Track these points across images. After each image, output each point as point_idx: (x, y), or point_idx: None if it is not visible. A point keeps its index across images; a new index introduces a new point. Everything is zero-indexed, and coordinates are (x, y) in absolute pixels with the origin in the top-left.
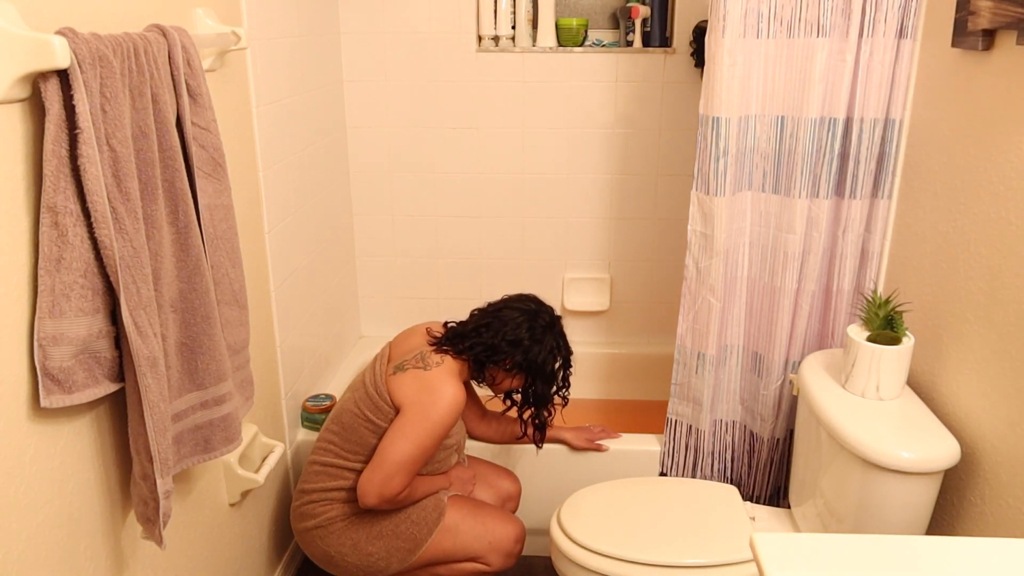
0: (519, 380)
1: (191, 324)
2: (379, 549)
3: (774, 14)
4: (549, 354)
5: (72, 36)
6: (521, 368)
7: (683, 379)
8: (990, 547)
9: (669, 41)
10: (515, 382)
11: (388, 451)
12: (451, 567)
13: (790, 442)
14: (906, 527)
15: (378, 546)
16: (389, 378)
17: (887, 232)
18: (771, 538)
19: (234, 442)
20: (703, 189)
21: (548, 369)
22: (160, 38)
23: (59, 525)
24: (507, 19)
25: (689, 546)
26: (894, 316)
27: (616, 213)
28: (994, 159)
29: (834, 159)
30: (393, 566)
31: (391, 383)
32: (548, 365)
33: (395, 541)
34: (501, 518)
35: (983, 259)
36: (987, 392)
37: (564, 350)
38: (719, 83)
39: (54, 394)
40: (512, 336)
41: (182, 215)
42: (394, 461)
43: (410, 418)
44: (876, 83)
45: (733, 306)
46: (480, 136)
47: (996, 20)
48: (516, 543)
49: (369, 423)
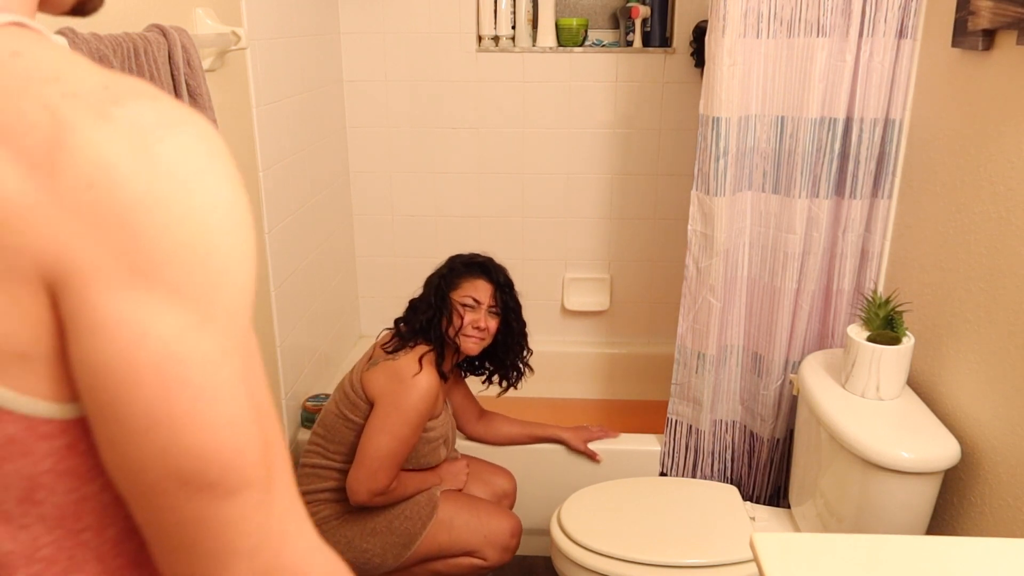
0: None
1: None
2: (374, 546)
3: (774, 14)
4: (448, 266)
5: (72, 36)
6: (436, 295)
7: (683, 379)
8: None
9: (669, 41)
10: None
11: (368, 447)
12: (447, 562)
13: (790, 442)
14: (906, 527)
15: (372, 543)
16: (363, 373)
17: (887, 232)
18: (771, 538)
19: None
20: (703, 189)
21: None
22: (160, 38)
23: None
24: (507, 19)
25: (689, 546)
26: (894, 316)
27: (616, 213)
28: (994, 159)
29: (834, 159)
30: (389, 562)
31: (364, 378)
32: (451, 275)
33: (389, 537)
34: (496, 512)
35: (983, 259)
36: (987, 392)
37: (467, 256)
38: (719, 83)
39: None
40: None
41: None
42: (375, 456)
43: (384, 410)
44: (876, 83)
45: (733, 306)
46: (480, 136)
47: (996, 20)
48: (512, 536)
49: (348, 421)
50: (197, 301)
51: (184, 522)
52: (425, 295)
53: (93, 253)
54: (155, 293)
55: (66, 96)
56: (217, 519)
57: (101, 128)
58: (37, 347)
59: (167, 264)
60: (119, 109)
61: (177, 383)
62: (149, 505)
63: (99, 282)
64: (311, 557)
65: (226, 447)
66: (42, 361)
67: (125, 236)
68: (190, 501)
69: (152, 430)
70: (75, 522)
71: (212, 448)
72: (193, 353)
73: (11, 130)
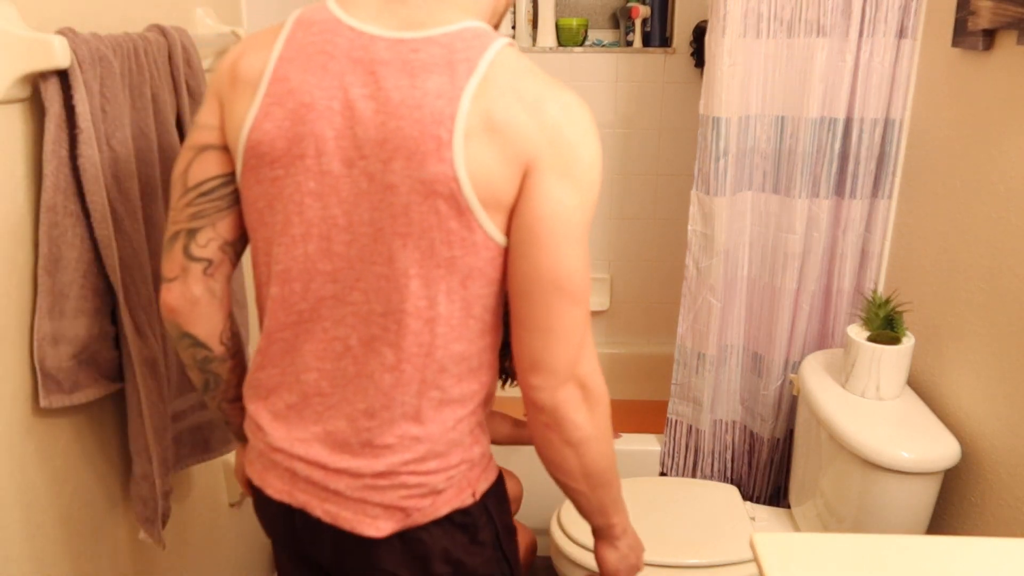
0: None
1: None
2: None
3: (774, 14)
4: None
5: (72, 36)
6: None
7: (683, 379)
8: (990, 547)
9: (669, 41)
10: None
11: None
12: None
13: (790, 442)
14: (906, 527)
15: None
16: None
17: (887, 232)
18: (771, 538)
19: (232, 443)
20: (703, 189)
21: None
22: (160, 38)
23: (59, 525)
24: (507, 19)
25: (689, 546)
26: (894, 316)
27: (616, 213)
28: (994, 159)
29: (834, 159)
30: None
31: None
32: None
33: None
34: (520, 530)
35: (983, 259)
36: (987, 392)
37: None
38: (719, 83)
39: (54, 394)
40: None
41: None
42: None
43: None
44: (876, 83)
45: (733, 306)
46: None
47: (996, 20)
48: (531, 554)
49: None
50: (584, 194)
51: (550, 312)
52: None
53: (549, 158)
54: (568, 184)
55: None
56: (568, 314)
57: (557, 102)
58: (510, 201)
59: (578, 173)
60: (564, 97)
61: (564, 232)
62: (532, 301)
63: (547, 172)
64: (599, 373)
65: (578, 274)
66: (507, 210)
67: (564, 154)
68: (557, 300)
69: (548, 255)
70: (476, 303)
71: (575, 273)
72: (577, 220)
73: (525, 101)
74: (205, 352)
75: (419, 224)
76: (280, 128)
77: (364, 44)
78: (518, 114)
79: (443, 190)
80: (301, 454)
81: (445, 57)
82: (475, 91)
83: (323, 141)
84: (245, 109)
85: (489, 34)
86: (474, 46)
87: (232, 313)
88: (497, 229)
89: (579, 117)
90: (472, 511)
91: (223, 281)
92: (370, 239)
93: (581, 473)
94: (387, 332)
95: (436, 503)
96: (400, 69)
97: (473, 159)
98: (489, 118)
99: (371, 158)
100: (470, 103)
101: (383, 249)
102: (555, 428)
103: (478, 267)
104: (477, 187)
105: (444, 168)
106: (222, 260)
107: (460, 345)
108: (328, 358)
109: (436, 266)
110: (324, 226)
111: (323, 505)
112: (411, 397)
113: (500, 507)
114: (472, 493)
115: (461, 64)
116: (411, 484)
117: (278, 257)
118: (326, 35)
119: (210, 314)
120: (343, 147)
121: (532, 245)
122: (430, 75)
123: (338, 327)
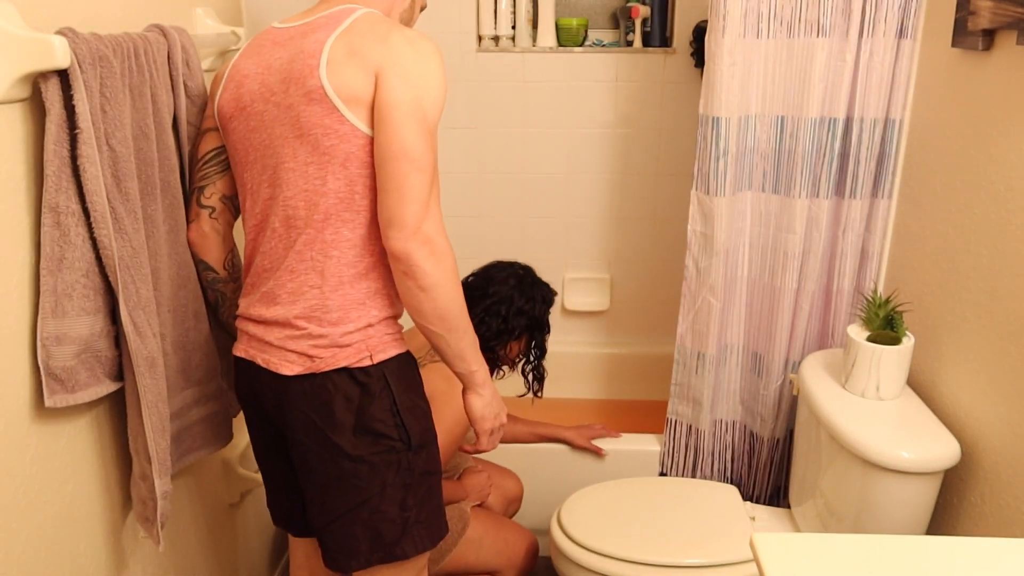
0: (524, 342)
1: (182, 321)
2: None
3: (774, 14)
4: (543, 304)
5: (72, 36)
6: (526, 329)
7: (683, 379)
8: (990, 547)
9: (669, 41)
10: (521, 345)
11: None
12: None
13: (790, 442)
14: (906, 527)
15: None
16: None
17: (887, 232)
18: (771, 538)
19: (226, 439)
20: (703, 189)
21: (546, 319)
22: (160, 38)
23: (59, 525)
24: (507, 19)
25: (689, 546)
26: (894, 316)
27: (616, 213)
28: (994, 159)
29: (834, 159)
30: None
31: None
32: (545, 316)
33: None
34: (519, 533)
35: (983, 259)
36: (987, 392)
37: (550, 291)
38: (719, 83)
39: (57, 393)
40: (515, 308)
41: (178, 214)
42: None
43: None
44: (876, 83)
45: (733, 306)
46: (480, 136)
47: (996, 20)
48: (533, 558)
49: None
50: (417, 91)
51: (398, 175)
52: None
53: (390, 66)
54: (404, 82)
55: (390, 27)
56: (412, 177)
57: (403, 35)
58: (368, 99)
59: (412, 75)
60: (410, 34)
61: (403, 114)
62: (385, 168)
63: (388, 74)
64: (443, 235)
65: (418, 148)
66: (367, 106)
67: (402, 62)
68: (404, 165)
69: (394, 131)
70: (358, 180)
71: (415, 146)
72: (413, 107)
73: (377, 36)
74: (213, 274)
75: (307, 124)
76: (231, 96)
77: (284, 33)
78: (372, 43)
79: (317, 96)
80: (252, 314)
81: (325, 22)
82: (338, 35)
83: (251, 93)
84: (216, 94)
85: (359, 8)
86: (345, 13)
87: (234, 248)
88: (361, 122)
89: (419, 43)
90: (370, 372)
91: (225, 224)
92: (282, 145)
93: (435, 316)
94: (297, 210)
95: (337, 356)
96: (299, 36)
97: (335, 73)
98: (350, 47)
99: (277, 91)
100: (333, 41)
101: (289, 150)
102: (410, 275)
103: (352, 152)
104: (339, 91)
105: (315, 81)
106: (223, 209)
107: (349, 214)
108: (268, 242)
109: (323, 153)
110: (260, 150)
111: (261, 355)
112: (318, 256)
113: (400, 382)
114: (370, 356)
115: (333, 24)
116: (315, 335)
117: (243, 183)
118: (265, 35)
119: (215, 246)
120: (263, 92)
121: (382, 124)
122: (315, 34)
123: (273, 218)
